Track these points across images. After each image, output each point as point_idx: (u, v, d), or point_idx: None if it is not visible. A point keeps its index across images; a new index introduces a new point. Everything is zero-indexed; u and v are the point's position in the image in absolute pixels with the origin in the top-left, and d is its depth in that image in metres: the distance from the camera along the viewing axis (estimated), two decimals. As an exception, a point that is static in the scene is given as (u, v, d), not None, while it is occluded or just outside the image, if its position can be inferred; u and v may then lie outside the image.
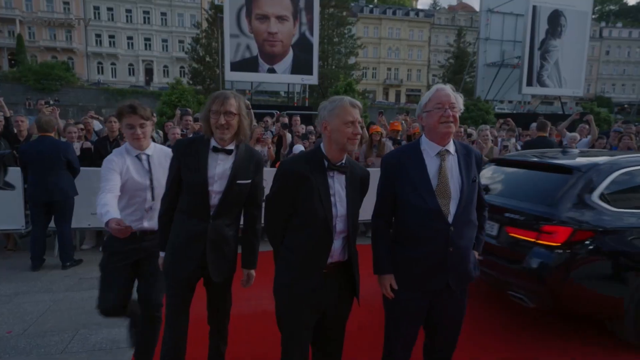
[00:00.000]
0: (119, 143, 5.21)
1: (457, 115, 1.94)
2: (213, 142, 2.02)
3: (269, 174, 2.72)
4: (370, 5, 54.73)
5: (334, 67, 28.20)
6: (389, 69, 54.53)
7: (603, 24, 59.76)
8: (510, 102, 18.04)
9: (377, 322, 2.40)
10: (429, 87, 48.27)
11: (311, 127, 6.99)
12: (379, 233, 2.05)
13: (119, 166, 2.23)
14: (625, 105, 49.53)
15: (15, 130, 5.51)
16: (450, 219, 1.91)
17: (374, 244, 2.06)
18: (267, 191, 2.02)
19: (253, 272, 2.26)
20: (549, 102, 20.92)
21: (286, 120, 6.77)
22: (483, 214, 2.16)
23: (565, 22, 13.66)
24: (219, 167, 2.03)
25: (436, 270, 1.94)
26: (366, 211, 2.05)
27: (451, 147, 1.98)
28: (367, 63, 53.30)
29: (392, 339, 2.11)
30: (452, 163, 1.97)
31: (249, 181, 2.08)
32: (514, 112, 17.31)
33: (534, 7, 13.34)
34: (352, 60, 31.61)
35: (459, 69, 29.34)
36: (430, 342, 2.16)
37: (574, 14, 13.74)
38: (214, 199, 2.03)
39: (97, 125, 8.28)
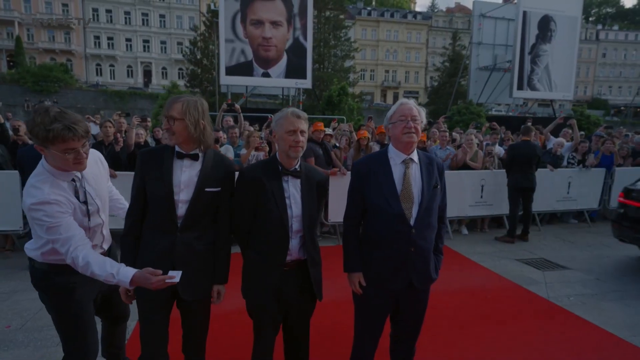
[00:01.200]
0: (114, 147, 5.40)
1: (420, 126, 2.17)
2: (177, 148, 1.97)
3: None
4: (369, 8, 54.98)
5: (330, 70, 28.43)
6: (387, 71, 54.78)
7: (600, 26, 60.12)
8: (507, 104, 18.33)
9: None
10: (426, 89, 48.59)
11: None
12: (349, 234, 2.26)
13: (68, 207, 1.83)
14: (622, 108, 49.82)
15: (14, 135, 5.69)
16: (412, 221, 2.13)
17: (344, 244, 2.28)
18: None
19: (223, 287, 2.10)
20: (546, 104, 21.14)
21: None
22: (442, 225, 2.34)
23: (555, 27, 13.91)
24: (185, 175, 1.95)
25: (400, 269, 2.16)
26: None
27: (415, 156, 2.21)
28: (365, 65, 53.54)
29: (361, 332, 2.33)
30: (415, 171, 2.19)
31: (219, 189, 2.01)
32: (508, 114, 17.60)
33: (524, 13, 13.59)
34: (348, 63, 31.82)
35: (453, 71, 29.59)
36: (396, 332, 2.40)
37: (564, 19, 13.99)
38: (181, 209, 1.94)
39: (93, 128, 8.48)
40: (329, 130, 6.57)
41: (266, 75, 11.29)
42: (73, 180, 1.90)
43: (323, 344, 3.14)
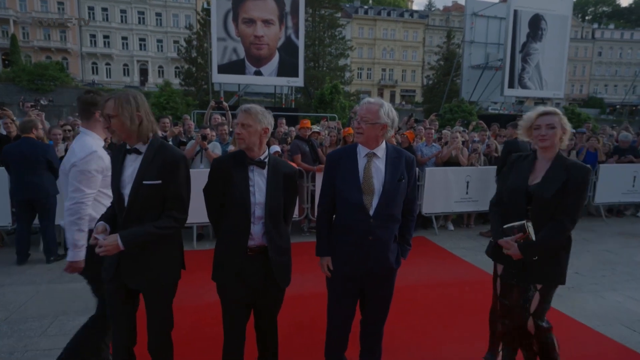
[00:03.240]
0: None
1: (366, 125, 2.27)
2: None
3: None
4: (365, 6, 55.03)
5: (325, 68, 28.50)
6: (384, 70, 54.89)
7: (595, 25, 60.35)
8: (502, 103, 18.46)
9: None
10: (423, 87, 48.68)
11: (291, 129, 7.27)
12: (321, 220, 2.42)
13: None
14: (617, 106, 50.06)
15: (5, 132, 5.75)
16: (371, 211, 2.26)
17: (317, 229, 2.44)
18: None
19: (118, 241, 1.94)
20: (543, 103, 21.34)
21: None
22: (409, 217, 2.44)
23: (545, 26, 14.02)
24: (129, 169, 2.04)
25: (360, 255, 2.30)
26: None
27: (380, 150, 2.33)
28: (362, 64, 53.63)
29: (334, 313, 2.47)
30: (378, 164, 2.32)
31: (159, 182, 2.00)
32: (499, 112, 17.72)
33: (515, 12, 13.70)
34: (343, 61, 31.89)
35: (448, 70, 29.71)
36: (364, 317, 2.54)
37: (554, 18, 14.10)
38: (126, 203, 2.03)
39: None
40: (316, 128, 6.65)
41: (258, 73, 11.35)
42: None
43: (305, 336, 3.24)
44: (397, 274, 2.47)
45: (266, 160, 2.21)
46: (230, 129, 6.43)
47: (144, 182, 1.99)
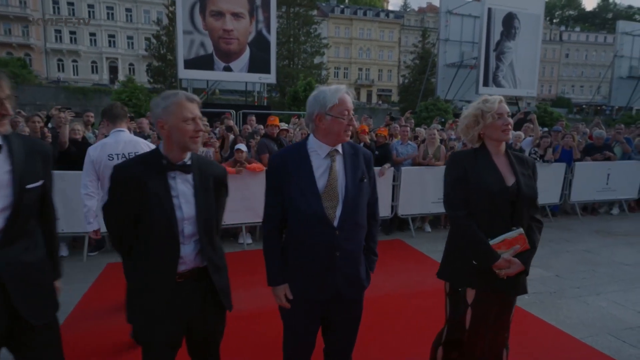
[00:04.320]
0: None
1: (330, 118, 1.88)
2: None
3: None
4: (341, 6, 54.93)
5: (300, 66, 28.06)
6: (361, 69, 54.96)
7: (563, 28, 62.44)
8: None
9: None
10: (399, 87, 48.94)
11: (260, 126, 6.83)
12: (269, 241, 1.93)
13: None
14: (584, 106, 51.88)
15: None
16: (335, 222, 1.86)
17: (265, 253, 1.94)
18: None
19: (58, 283, 1.77)
20: (513, 102, 21.68)
21: (231, 122, 6.58)
22: (373, 223, 2.07)
23: (518, 25, 14.10)
24: None
25: (325, 277, 1.88)
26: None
27: (339, 146, 1.94)
28: (339, 63, 53.52)
29: (292, 349, 2.04)
30: (339, 164, 1.92)
31: (40, 183, 1.61)
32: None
33: (489, 10, 13.71)
34: (318, 59, 31.55)
35: (423, 69, 29.87)
36: (328, 347, 2.11)
37: (527, 17, 14.21)
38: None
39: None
40: (284, 125, 6.25)
41: (228, 69, 10.78)
42: None
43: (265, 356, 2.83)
44: (372, 282, 2.10)
45: (190, 162, 1.75)
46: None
47: (28, 186, 1.55)
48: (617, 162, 7.50)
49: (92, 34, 44.80)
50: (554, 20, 69.30)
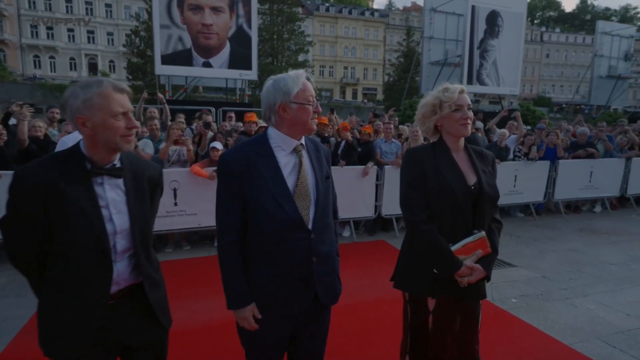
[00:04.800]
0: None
1: (296, 106, 1.68)
2: None
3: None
4: (327, 4, 54.72)
5: (284, 63, 27.73)
6: (346, 68, 54.90)
7: (543, 28, 63.62)
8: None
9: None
10: (384, 85, 49.01)
11: (239, 124, 6.55)
12: (229, 256, 1.65)
13: None
14: (564, 105, 52.95)
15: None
16: (310, 225, 1.65)
17: (224, 270, 1.66)
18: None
19: None
20: (496, 101, 21.91)
21: (209, 119, 6.28)
22: (336, 222, 1.91)
23: (502, 23, 14.14)
24: None
25: (302, 286, 1.67)
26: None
27: (303, 141, 1.73)
28: (324, 61, 53.33)
29: None
30: (306, 159, 1.72)
31: None
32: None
33: (473, 7, 13.70)
34: (302, 57, 31.26)
35: (407, 67, 29.91)
36: (295, 358, 1.88)
37: (510, 15, 14.26)
38: None
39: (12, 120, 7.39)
40: (263, 122, 5.99)
41: (207, 65, 10.42)
42: None
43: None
44: (355, 288, 1.90)
45: (120, 164, 1.48)
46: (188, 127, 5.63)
47: None
48: (599, 160, 7.49)
49: (70, 30, 43.57)
50: (535, 21, 70.60)
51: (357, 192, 5.74)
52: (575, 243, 5.75)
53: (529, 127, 9.48)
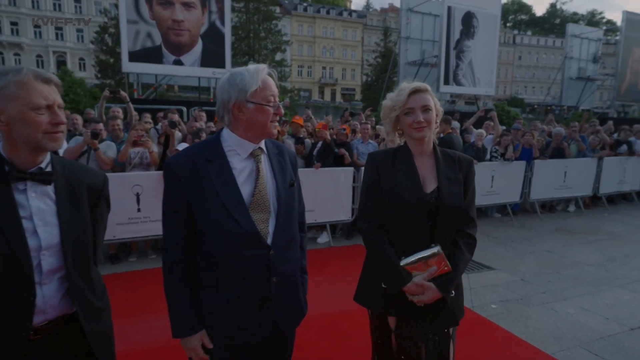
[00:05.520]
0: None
1: (253, 106, 1.45)
2: None
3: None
4: (304, 4, 54.49)
5: (260, 62, 27.29)
6: (324, 68, 54.82)
7: (516, 31, 65.43)
8: (439, 100, 18.65)
9: None
10: (362, 85, 49.16)
11: (210, 124, 6.24)
12: (173, 276, 1.43)
13: None
14: (535, 106, 54.56)
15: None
16: (269, 239, 1.43)
17: (168, 293, 1.44)
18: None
19: None
20: (471, 102, 22.23)
21: (175, 117, 5.94)
22: (303, 235, 1.68)
23: (477, 24, 14.29)
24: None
25: (260, 311, 1.45)
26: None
27: (262, 144, 1.51)
28: (302, 61, 53.08)
29: None
30: (265, 165, 1.50)
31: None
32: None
33: (449, 8, 13.78)
34: (280, 56, 30.90)
35: (385, 67, 30.06)
36: None
37: (485, 17, 14.43)
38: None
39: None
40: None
41: (178, 62, 9.97)
42: None
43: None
44: (329, 297, 1.70)
45: (50, 168, 1.26)
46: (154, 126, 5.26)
47: None
48: (573, 159, 7.56)
49: (37, 26, 41.67)
50: (508, 24, 72.49)
51: (333, 195, 5.54)
52: (552, 244, 5.73)
53: (504, 127, 9.53)
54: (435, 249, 1.57)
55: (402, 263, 1.58)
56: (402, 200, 1.59)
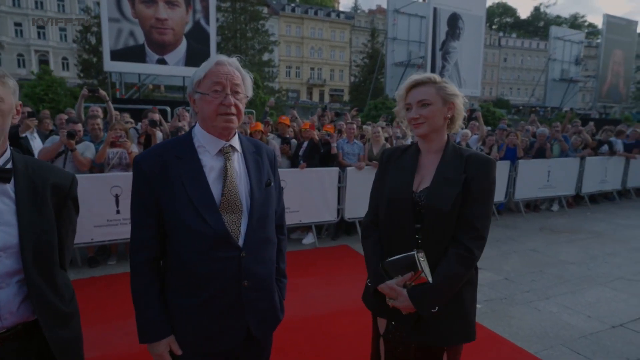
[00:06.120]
0: None
1: (243, 104, 1.40)
2: None
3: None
4: (292, 4, 54.40)
5: (247, 63, 27.18)
6: (312, 69, 54.78)
7: (501, 34, 66.45)
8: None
9: None
10: (350, 86, 49.31)
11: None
12: (141, 278, 1.37)
13: None
14: (520, 107, 55.44)
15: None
16: (240, 241, 1.37)
17: (135, 295, 1.37)
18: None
19: None
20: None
21: (155, 117, 5.82)
22: (282, 237, 1.62)
23: (463, 25, 14.45)
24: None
25: (231, 316, 1.38)
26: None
27: (236, 142, 1.45)
28: (290, 62, 52.96)
29: None
30: (238, 164, 1.43)
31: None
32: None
33: (435, 9, 13.91)
34: (267, 56, 30.76)
35: (372, 68, 30.21)
36: None
37: (470, 18, 14.61)
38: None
39: None
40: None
41: (162, 62, 9.79)
42: None
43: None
44: (316, 299, 1.64)
45: (10, 166, 1.19)
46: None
47: None
48: (556, 159, 7.66)
49: (18, 24, 40.76)
50: (493, 27, 73.57)
51: (319, 196, 5.49)
52: (536, 243, 5.77)
53: (489, 128, 9.62)
54: (410, 254, 1.42)
55: (385, 262, 1.50)
56: (388, 197, 1.55)
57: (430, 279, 1.40)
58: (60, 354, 1.24)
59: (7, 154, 1.20)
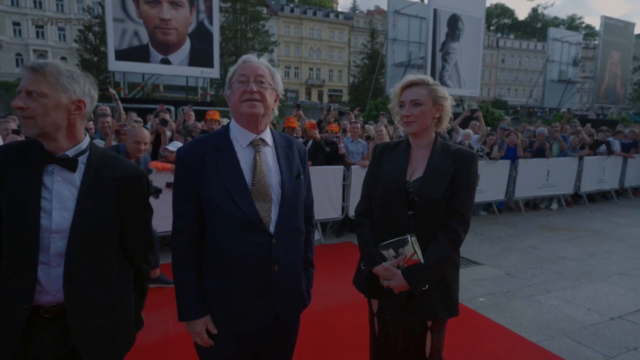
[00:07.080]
0: None
1: (268, 93, 1.48)
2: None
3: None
4: (291, 5, 54.49)
5: (248, 63, 27.22)
6: (311, 69, 54.86)
7: (499, 35, 66.74)
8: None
9: None
10: (349, 87, 49.46)
11: (198, 124, 6.22)
12: (182, 261, 1.48)
13: None
14: (518, 108, 55.70)
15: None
16: (271, 228, 1.47)
17: (176, 277, 1.49)
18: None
19: None
20: (457, 104, 22.61)
21: (166, 116, 5.91)
22: (310, 229, 1.73)
23: (462, 26, 14.59)
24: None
25: (260, 300, 1.48)
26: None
27: (267, 136, 1.55)
28: (289, 62, 53.02)
29: None
30: (269, 156, 1.54)
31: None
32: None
33: (435, 11, 14.05)
34: (267, 57, 30.78)
35: (372, 69, 30.33)
36: None
37: (470, 19, 14.75)
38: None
39: None
40: (226, 121, 5.73)
41: (166, 62, 9.90)
42: None
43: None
44: (321, 294, 1.75)
45: (80, 157, 1.30)
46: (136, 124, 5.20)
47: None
48: (555, 159, 7.79)
49: (16, 24, 40.66)
50: (491, 28, 73.89)
51: (324, 194, 5.60)
52: (535, 240, 5.90)
53: (489, 128, 9.76)
54: (403, 237, 1.57)
55: (379, 246, 1.65)
56: (383, 186, 1.69)
57: (422, 260, 1.57)
58: (83, 346, 1.29)
59: (81, 146, 1.31)
